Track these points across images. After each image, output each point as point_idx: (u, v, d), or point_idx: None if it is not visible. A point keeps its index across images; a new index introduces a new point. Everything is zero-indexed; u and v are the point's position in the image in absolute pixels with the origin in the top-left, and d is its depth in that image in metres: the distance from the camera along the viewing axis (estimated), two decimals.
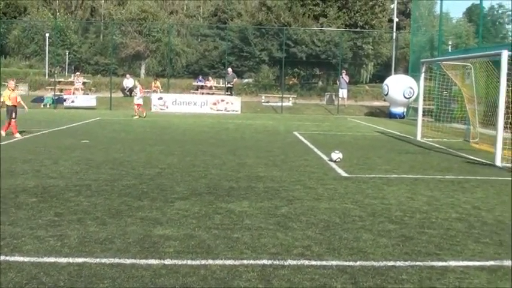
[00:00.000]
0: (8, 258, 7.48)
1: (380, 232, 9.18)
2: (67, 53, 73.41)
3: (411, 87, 40.13)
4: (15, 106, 22.85)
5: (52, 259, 7.45)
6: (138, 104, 35.21)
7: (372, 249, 8.25)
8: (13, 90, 23.24)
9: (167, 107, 42.02)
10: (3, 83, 33.45)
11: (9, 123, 22.57)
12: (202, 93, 47.99)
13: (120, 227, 9.06)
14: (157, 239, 8.47)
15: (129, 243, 8.21)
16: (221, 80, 54.67)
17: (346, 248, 8.26)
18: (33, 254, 7.64)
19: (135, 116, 34.50)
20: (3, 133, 22.22)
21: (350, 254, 7.99)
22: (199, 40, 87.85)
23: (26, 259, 7.42)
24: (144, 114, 34.75)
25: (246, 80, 66.75)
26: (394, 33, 58.49)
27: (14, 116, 22.65)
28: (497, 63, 18.81)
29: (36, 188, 12.19)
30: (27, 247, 7.97)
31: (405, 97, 40.95)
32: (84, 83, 50.59)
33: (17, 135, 22.17)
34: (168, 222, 9.45)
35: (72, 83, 49.64)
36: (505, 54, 18.05)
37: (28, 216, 9.66)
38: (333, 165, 16.63)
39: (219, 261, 7.50)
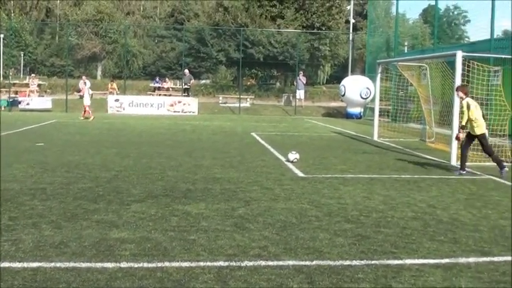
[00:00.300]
0: None
1: (336, 232, 9.22)
2: (22, 55, 72.74)
3: (368, 88, 40.36)
4: None
5: (6, 264, 7.35)
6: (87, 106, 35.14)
7: (328, 248, 8.28)
8: None
9: (124, 109, 41.69)
10: None
11: None
12: (159, 95, 47.73)
13: (75, 231, 8.97)
14: (113, 242, 8.40)
15: (85, 247, 8.13)
16: (178, 82, 54.58)
17: (302, 247, 8.28)
18: None
19: (81, 117, 34.36)
20: None
21: (306, 253, 8.01)
22: (156, 41, 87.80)
23: None
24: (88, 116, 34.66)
25: (203, 81, 66.75)
26: (351, 35, 58.82)
27: None
28: (452, 64, 19.01)
29: None
30: None
31: (362, 97, 41.18)
32: (39, 85, 50.08)
33: None
34: (124, 225, 9.38)
35: (27, 85, 48.95)
36: (459, 54, 18.25)
37: None
38: (290, 165, 16.66)
39: (175, 264, 7.46)
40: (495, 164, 16.07)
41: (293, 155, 17.35)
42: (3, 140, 21.52)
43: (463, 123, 15.99)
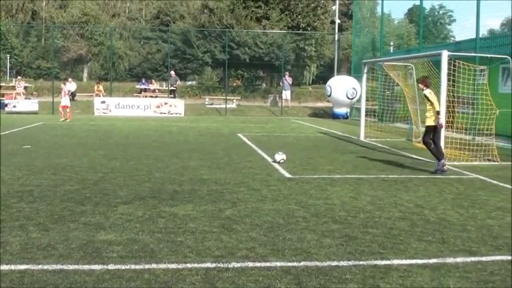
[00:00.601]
0: None
1: (324, 232, 9.22)
2: (8, 57, 72.51)
3: (354, 88, 40.42)
4: None
5: None
6: (65, 106, 35.18)
7: (316, 249, 8.28)
8: None
9: (110, 111, 41.67)
10: None
11: None
12: (146, 97, 47.74)
13: (62, 233, 8.94)
14: (100, 244, 8.38)
15: (72, 249, 8.11)
16: (164, 83, 54.55)
17: (290, 248, 8.28)
18: None
19: (62, 119, 34.35)
20: None
21: (294, 254, 8.01)
22: (141, 43, 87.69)
23: None
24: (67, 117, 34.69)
25: (189, 83, 66.70)
26: (337, 35, 58.79)
27: None
28: (438, 63, 19.05)
29: None
30: None
31: (348, 98, 41.25)
32: (25, 88, 49.86)
33: None
34: (111, 227, 9.36)
35: (13, 88, 48.86)
36: (445, 54, 18.29)
37: None
38: (277, 166, 16.67)
39: (162, 265, 7.45)
40: (441, 157, 16.12)
41: (280, 156, 17.35)
42: None
43: (437, 108, 16.16)
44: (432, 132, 16.27)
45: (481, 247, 8.61)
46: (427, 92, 16.26)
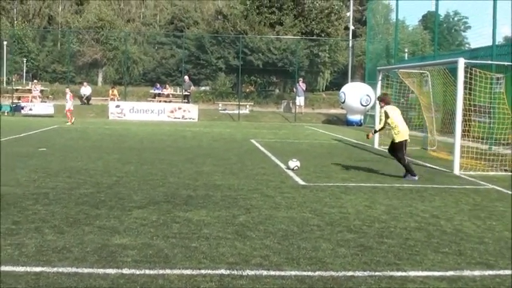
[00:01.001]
0: None
1: (339, 242, 9.16)
2: (25, 61, 72.77)
3: (368, 95, 40.32)
4: None
5: (9, 268, 7.35)
6: (70, 110, 35.40)
7: (331, 259, 8.23)
8: None
9: (124, 115, 41.86)
10: None
11: None
12: (160, 101, 47.76)
13: (77, 236, 8.95)
14: (115, 248, 8.37)
15: (87, 252, 8.11)
16: (178, 88, 54.52)
17: (304, 257, 8.23)
18: None
19: (68, 122, 34.49)
20: None
21: (309, 264, 7.96)
22: (156, 48, 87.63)
23: None
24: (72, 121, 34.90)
25: (203, 88, 66.68)
26: (351, 41, 58.70)
27: None
28: (453, 71, 18.97)
29: None
30: None
31: (362, 105, 41.15)
32: (42, 91, 50.20)
33: None
34: (125, 231, 9.35)
35: (29, 91, 49.25)
36: (461, 62, 18.18)
37: None
38: (291, 173, 16.62)
39: (177, 271, 7.42)
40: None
41: (294, 163, 17.29)
42: (6, 145, 21.58)
43: (377, 129, 17.57)
44: (403, 148, 16.38)
45: (498, 260, 8.50)
46: (388, 108, 16.51)
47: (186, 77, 48.59)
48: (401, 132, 16.38)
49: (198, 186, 13.99)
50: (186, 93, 47.67)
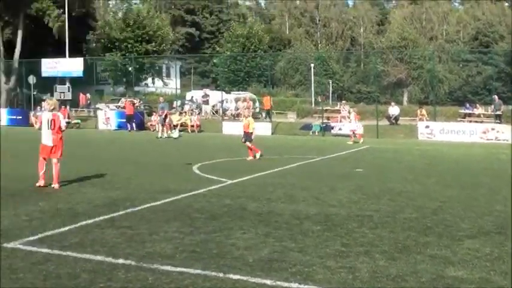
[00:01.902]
0: (301, 286, 7.60)
1: None
2: (330, 82, 75.03)
3: None
4: None
5: None
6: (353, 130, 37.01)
7: None
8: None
9: (434, 136, 41.50)
10: None
11: None
12: (470, 122, 46.58)
13: (410, 264, 8.68)
14: (451, 280, 7.97)
15: (422, 283, 7.81)
16: (489, 108, 52.87)
17: None
18: (326, 284, 7.65)
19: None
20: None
21: None
22: (461, 66, 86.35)
23: None
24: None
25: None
26: None
27: None
28: None
29: (318, 215, 12.31)
30: (319, 276, 7.98)
31: None
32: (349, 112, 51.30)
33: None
34: (460, 262, 8.87)
35: (338, 111, 50.55)
36: None
37: (315, 244, 9.72)
38: None
39: None
40: None
41: None
42: (323, 165, 22.46)
43: None
44: None
45: None
46: None
47: (495, 96, 47.08)
48: None
49: None
50: (498, 113, 46.07)
